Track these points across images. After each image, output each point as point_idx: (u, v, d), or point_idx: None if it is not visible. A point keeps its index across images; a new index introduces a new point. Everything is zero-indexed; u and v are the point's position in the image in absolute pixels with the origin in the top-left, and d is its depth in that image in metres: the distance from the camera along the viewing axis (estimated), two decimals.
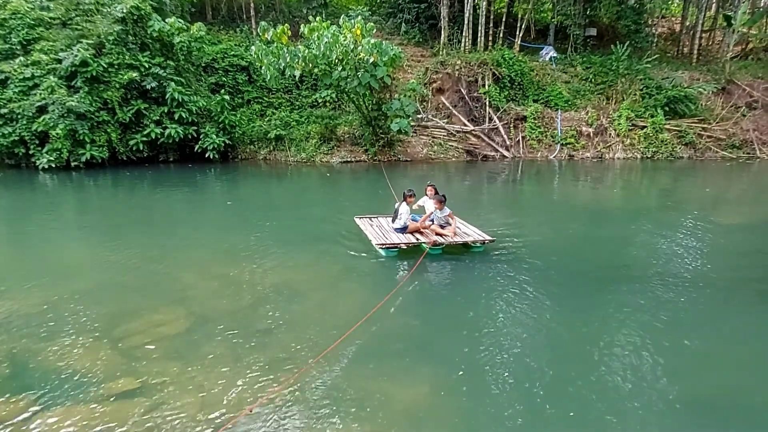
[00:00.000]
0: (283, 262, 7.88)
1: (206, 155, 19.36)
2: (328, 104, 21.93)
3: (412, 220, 8.91)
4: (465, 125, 21.33)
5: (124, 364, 5.09)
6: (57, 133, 16.76)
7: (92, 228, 11.20)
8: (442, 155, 20.70)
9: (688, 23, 27.07)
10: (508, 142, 21.20)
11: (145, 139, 18.61)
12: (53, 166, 17.26)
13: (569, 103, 22.12)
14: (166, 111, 18.68)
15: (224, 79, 21.58)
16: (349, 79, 17.18)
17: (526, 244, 9.22)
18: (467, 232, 8.86)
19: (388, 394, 4.63)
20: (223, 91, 20.59)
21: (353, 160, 20.11)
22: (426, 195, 9.30)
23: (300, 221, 11.10)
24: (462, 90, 21.82)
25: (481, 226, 9.32)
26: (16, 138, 17.22)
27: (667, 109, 21.50)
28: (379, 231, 8.97)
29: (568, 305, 6.62)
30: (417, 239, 8.49)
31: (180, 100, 18.53)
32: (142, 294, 7.09)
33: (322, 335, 5.71)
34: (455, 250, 8.53)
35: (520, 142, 21.34)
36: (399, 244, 8.23)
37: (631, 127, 21.30)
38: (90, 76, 17.13)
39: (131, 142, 18.59)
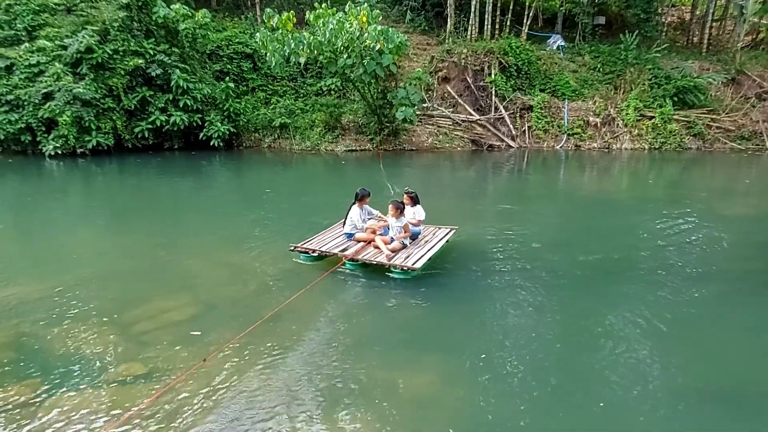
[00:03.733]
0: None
1: (211, 143, 19.33)
2: (333, 92, 21.81)
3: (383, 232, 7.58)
4: (470, 114, 21.19)
5: (132, 349, 5.14)
6: (64, 120, 16.76)
7: (99, 214, 11.24)
8: (447, 144, 20.60)
9: (698, 12, 26.68)
10: (513, 132, 21.06)
11: (150, 126, 18.58)
12: (59, 152, 17.28)
13: (576, 92, 21.91)
14: (171, 98, 18.62)
15: (229, 66, 21.48)
16: (354, 67, 17.05)
17: (532, 235, 9.20)
18: (413, 253, 7.18)
19: (395, 381, 4.65)
20: (227, 78, 20.48)
21: (358, 148, 20.04)
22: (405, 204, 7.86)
23: (304, 209, 11.10)
24: (468, 79, 21.65)
25: (485, 215, 9.28)
26: (23, 125, 17.22)
27: (675, 99, 21.26)
28: (326, 235, 7.96)
29: (573, 296, 6.62)
30: (335, 251, 7.26)
31: (185, 87, 18.47)
32: (149, 280, 7.13)
33: (327, 323, 5.75)
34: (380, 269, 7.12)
35: (526, 132, 21.19)
36: (311, 249, 7.30)
37: (639, 118, 21.09)
38: (95, 62, 17.07)
39: (136, 130, 18.57)
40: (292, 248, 7.43)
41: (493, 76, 21.44)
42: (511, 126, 21.08)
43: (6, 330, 5.49)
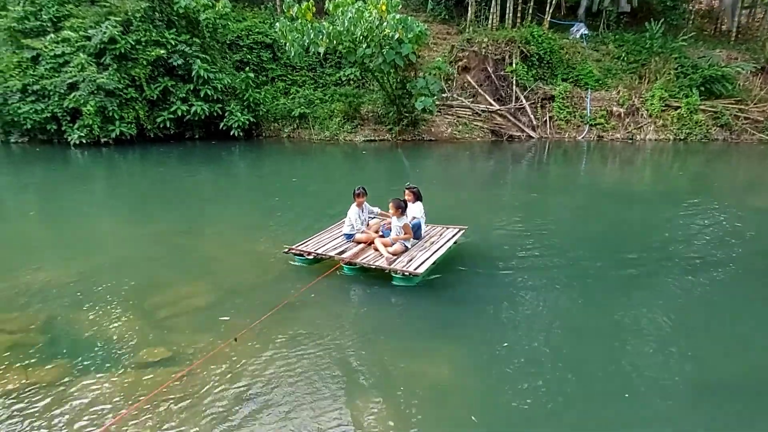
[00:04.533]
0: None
1: (231, 133, 19.49)
2: (352, 82, 21.78)
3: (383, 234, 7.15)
4: (491, 104, 20.96)
5: (156, 333, 5.23)
6: (88, 110, 17.07)
7: (122, 202, 11.44)
8: (466, 135, 20.42)
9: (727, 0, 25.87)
10: (534, 122, 20.79)
11: (171, 116, 18.81)
12: (84, 141, 17.62)
13: (600, 82, 21.49)
14: (192, 88, 18.81)
15: (249, 56, 21.58)
16: (373, 57, 16.97)
17: (552, 227, 9.10)
18: (415, 256, 6.63)
19: (413, 369, 4.67)
20: (247, 68, 20.60)
21: (377, 139, 20.00)
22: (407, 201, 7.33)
23: (323, 199, 11.14)
24: (488, 68, 21.39)
25: (504, 208, 9.18)
26: (49, 114, 17.60)
27: (702, 89, 20.72)
28: (324, 235, 7.54)
29: (595, 289, 6.55)
30: (332, 253, 6.82)
31: (205, 77, 18.63)
32: (170, 266, 7.26)
33: (342, 313, 5.77)
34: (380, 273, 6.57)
35: (548, 122, 20.89)
36: (306, 252, 6.85)
37: (664, 108, 20.62)
38: (118, 53, 17.31)
39: (158, 119, 18.82)
40: (287, 250, 6.97)
41: (514, 65, 21.15)
42: (532, 116, 20.81)
43: (36, 313, 5.64)
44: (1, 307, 5.78)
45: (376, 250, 6.78)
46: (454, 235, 7.47)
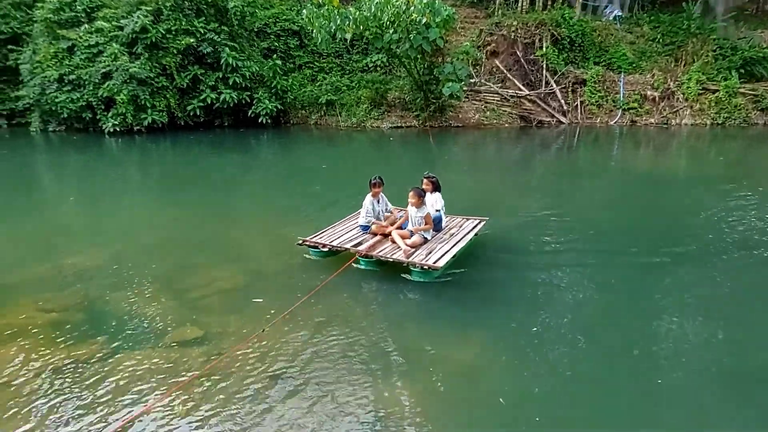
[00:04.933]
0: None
1: (259, 120, 19.69)
2: (378, 68, 21.68)
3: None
4: (520, 90, 20.58)
5: (188, 314, 5.37)
6: (121, 99, 17.49)
7: (155, 188, 11.74)
8: (494, 121, 20.15)
9: None
10: (565, 107, 20.34)
11: (201, 104, 19.12)
12: (118, 129, 18.08)
13: (634, 65, 20.85)
14: (220, 76, 19.06)
15: (276, 44, 21.69)
16: (400, 42, 16.84)
17: (583, 214, 8.94)
18: (433, 249, 6.30)
19: (441, 353, 4.69)
20: (275, 56, 20.73)
21: (403, 125, 19.92)
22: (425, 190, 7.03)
23: (350, 185, 11.17)
24: (518, 53, 20.97)
25: (533, 194, 9.04)
26: (84, 103, 18.11)
27: (742, 71, 19.88)
28: (339, 227, 7.21)
29: (626, 275, 6.42)
30: (348, 245, 6.50)
31: (234, 65, 18.83)
32: (202, 250, 7.42)
33: (369, 299, 5.80)
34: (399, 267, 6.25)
35: (579, 107, 20.41)
36: (321, 244, 6.55)
37: (701, 91, 19.88)
38: (149, 42, 17.63)
39: (188, 107, 19.15)
40: (301, 242, 6.67)
41: (544, 49, 20.68)
42: (562, 101, 20.36)
43: (76, 293, 5.86)
44: (43, 287, 6.02)
45: (394, 242, 6.48)
46: (474, 227, 7.12)
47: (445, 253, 6.15)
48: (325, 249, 6.54)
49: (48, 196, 11.47)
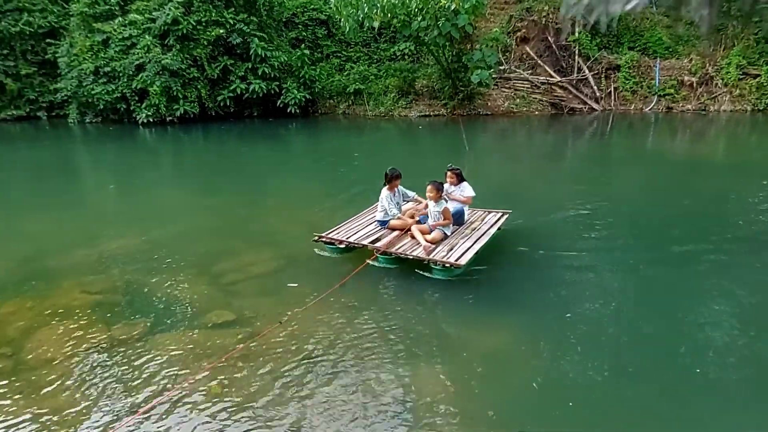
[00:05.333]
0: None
1: (288, 110, 19.85)
2: (406, 57, 21.56)
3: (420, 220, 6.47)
4: (551, 76, 20.16)
5: (221, 297, 5.50)
6: (154, 90, 17.89)
7: (188, 177, 12.01)
8: (524, 108, 19.82)
9: None
10: (598, 94, 19.84)
11: (231, 94, 19.38)
12: (151, 120, 18.50)
13: (670, 50, 20.15)
14: (250, 67, 19.25)
15: (304, 33, 21.77)
16: (428, 30, 16.68)
17: (616, 204, 8.75)
18: (456, 244, 6.01)
19: (470, 338, 4.68)
20: (303, 45, 20.82)
21: (431, 114, 19.78)
22: (447, 182, 6.80)
23: (379, 174, 11.17)
24: (549, 38, 20.51)
25: (564, 183, 8.86)
26: (119, 95, 18.58)
27: None
28: (355, 222, 6.91)
29: (660, 265, 6.26)
30: (365, 242, 6.21)
31: (263, 55, 18.99)
32: (234, 236, 7.57)
33: (394, 288, 5.78)
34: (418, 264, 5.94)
35: (612, 93, 19.88)
36: (338, 240, 6.29)
37: (741, 76, 19.08)
38: (181, 34, 17.93)
39: (219, 98, 19.44)
40: (317, 238, 6.41)
41: (576, 34, 20.16)
42: (595, 87, 19.87)
43: (116, 276, 6.07)
44: (85, 270, 6.25)
45: (413, 237, 6.17)
46: (497, 220, 6.79)
47: (468, 249, 5.85)
48: (342, 246, 6.27)
49: (88, 184, 11.88)
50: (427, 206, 6.42)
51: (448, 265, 5.56)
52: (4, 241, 7.71)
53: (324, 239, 6.37)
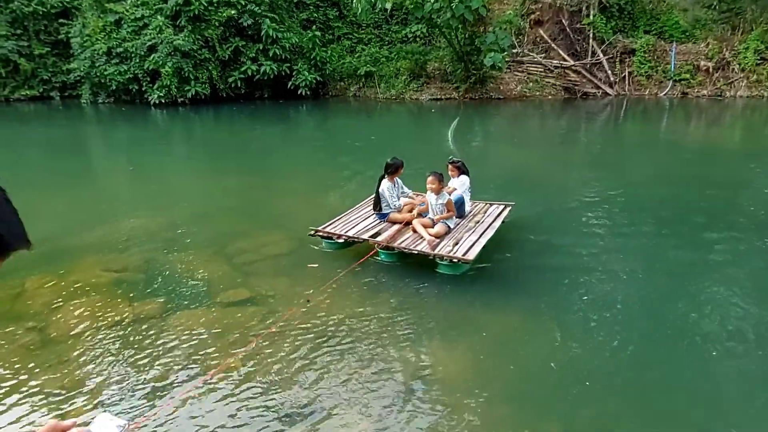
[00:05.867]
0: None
1: (298, 92, 19.82)
2: (418, 39, 21.36)
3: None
4: (564, 60, 19.92)
5: (238, 277, 5.61)
6: (166, 71, 17.92)
7: (201, 158, 12.11)
8: (537, 92, 19.64)
9: None
10: (612, 78, 19.60)
11: (242, 76, 19.38)
12: (162, 101, 18.58)
13: (687, 34, 19.80)
14: (261, 48, 19.21)
15: (315, 14, 21.62)
16: (441, 12, 16.52)
17: (629, 189, 8.72)
18: (460, 239, 5.73)
19: (483, 320, 4.76)
20: (314, 27, 20.69)
21: (443, 97, 19.67)
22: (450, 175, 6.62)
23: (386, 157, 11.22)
24: (563, 21, 20.22)
25: (575, 169, 8.82)
26: (131, 75, 18.65)
27: None
28: (353, 215, 6.59)
29: (674, 249, 6.28)
30: (366, 236, 5.91)
31: (274, 36, 18.93)
32: (248, 217, 7.69)
33: (406, 273, 5.86)
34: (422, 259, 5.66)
35: (626, 78, 19.63)
36: (335, 235, 5.96)
37: (759, 61, 18.74)
38: (192, 14, 17.89)
39: (230, 79, 19.45)
40: (313, 233, 6.06)
41: (591, 17, 19.85)
42: (609, 72, 19.63)
43: (135, 254, 6.20)
44: (105, 249, 6.39)
45: (415, 231, 5.89)
46: (500, 212, 6.52)
47: (474, 243, 5.60)
48: (341, 240, 5.96)
49: (103, 164, 12.03)
50: (423, 204, 6.17)
51: (455, 260, 5.32)
52: (24, 218, 7.83)
53: (321, 233, 6.03)
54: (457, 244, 5.62)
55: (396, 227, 6.08)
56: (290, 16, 20.88)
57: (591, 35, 19.83)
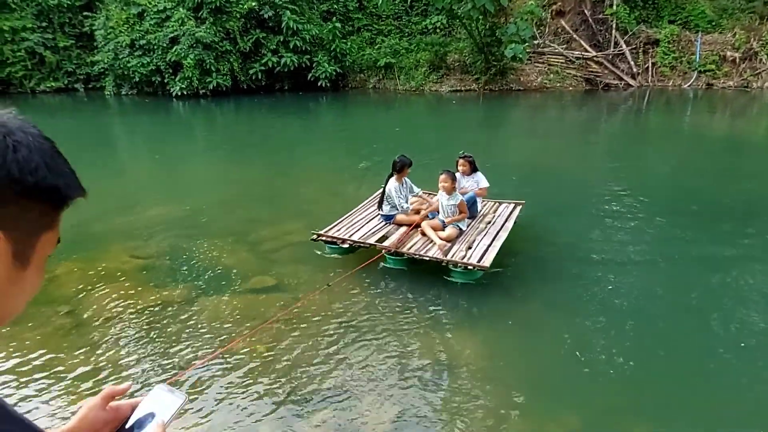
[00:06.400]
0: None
1: (318, 84, 19.88)
2: (438, 30, 21.20)
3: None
4: (586, 51, 19.62)
5: (261, 264, 5.73)
6: (188, 63, 18.12)
7: (222, 148, 12.26)
8: (558, 84, 19.40)
9: None
10: (634, 69, 19.25)
11: (262, 68, 19.49)
12: (184, 93, 18.80)
13: (713, 23, 19.32)
14: (281, 40, 19.28)
15: (335, 6, 21.58)
16: (462, 2, 16.39)
17: (652, 185, 8.62)
18: (472, 242, 5.43)
19: (494, 310, 4.80)
20: (334, 18, 20.68)
21: (463, 89, 19.56)
22: (459, 172, 6.23)
23: (410, 148, 11.22)
24: (585, 11, 19.90)
25: (596, 162, 8.72)
26: (153, 67, 18.90)
27: None
28: (356, 216, 6.27)
29: (697, 244, 6.21)
30: (372, 240, 5.60)
31: (294, 28, 18.97)
32: (270, 206, 7.80)
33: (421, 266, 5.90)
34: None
35: (650, 69, 19.26)
36: (339, 239, 5.63)
37: None
38: (214, 6, 18.02)
39: (251, 71, 19.58)
40: (315, 237, 5.70)
41: (614, 7, 19.49)
42: (632, 63, 19.28)
43: (160, 242, 6.36)
44: (130, 236, 6.56)
45: (424, 234, 5.55)
46: (511, 212, 6.22)
47: (489, 246, 5.27)
48: (345, 245, 5.65)
49: (127, 154, 12.27)
50: (434, 209, 5.87)
51: (470, 267, 4.98)
52: None
53: (324, 238, 5.67)
54: (470, 248, 5.31)
55: (403, 230, 5.74)
56: (310, 8, 20.89)
57: (614, 26, 19.48)
